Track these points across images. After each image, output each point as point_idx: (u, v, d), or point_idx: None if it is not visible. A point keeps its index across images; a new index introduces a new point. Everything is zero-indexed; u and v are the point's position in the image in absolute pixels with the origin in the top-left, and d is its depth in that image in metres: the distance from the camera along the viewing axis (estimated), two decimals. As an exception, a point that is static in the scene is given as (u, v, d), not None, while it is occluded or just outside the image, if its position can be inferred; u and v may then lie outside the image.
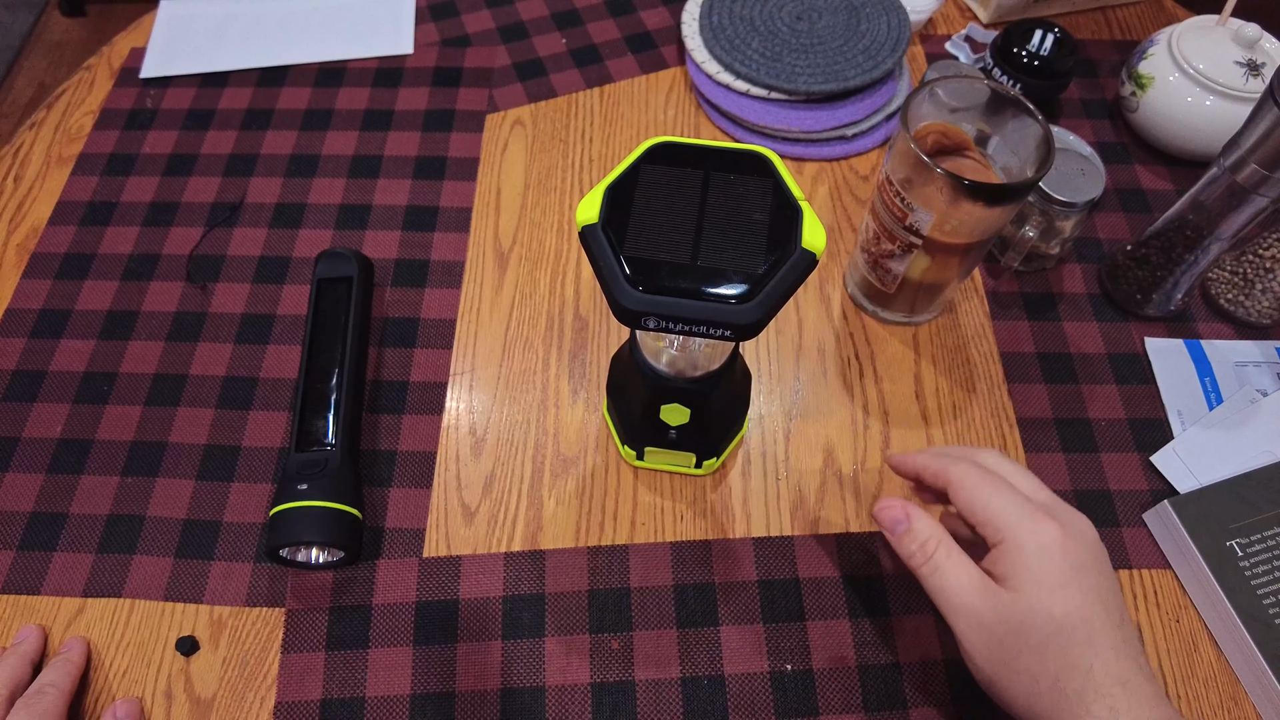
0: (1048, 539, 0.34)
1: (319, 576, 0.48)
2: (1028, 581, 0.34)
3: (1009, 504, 0.35)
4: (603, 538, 0.49)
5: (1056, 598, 0.33)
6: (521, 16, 0.73)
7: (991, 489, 0.36)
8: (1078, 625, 0.33)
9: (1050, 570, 0.34)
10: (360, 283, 0.54)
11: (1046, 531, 0.34)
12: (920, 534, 0.38)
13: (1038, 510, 0.35)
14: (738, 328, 0.33)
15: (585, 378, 0.54)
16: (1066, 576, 0.34)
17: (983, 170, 0.49)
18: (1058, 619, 0.33)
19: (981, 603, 0.35)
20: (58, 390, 0.54)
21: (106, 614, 0.47)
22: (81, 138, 0.66)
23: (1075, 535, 0.35)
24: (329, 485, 0.46)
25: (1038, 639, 0.33)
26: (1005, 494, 0.36)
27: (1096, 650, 0.33)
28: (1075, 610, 0.33)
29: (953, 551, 0.37)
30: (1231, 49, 0.59)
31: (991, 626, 0.34)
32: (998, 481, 0.37)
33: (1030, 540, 0.34)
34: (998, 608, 0.34)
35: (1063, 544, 0.34)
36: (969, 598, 0.35)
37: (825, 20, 0.65)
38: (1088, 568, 0.34)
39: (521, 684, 0.44)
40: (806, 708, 0.44)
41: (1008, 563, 0.34)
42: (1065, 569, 0.34)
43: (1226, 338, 0.56)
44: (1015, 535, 0.35)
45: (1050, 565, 0.34)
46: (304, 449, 0.48)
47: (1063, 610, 0.33)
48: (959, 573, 0.36)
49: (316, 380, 0.50)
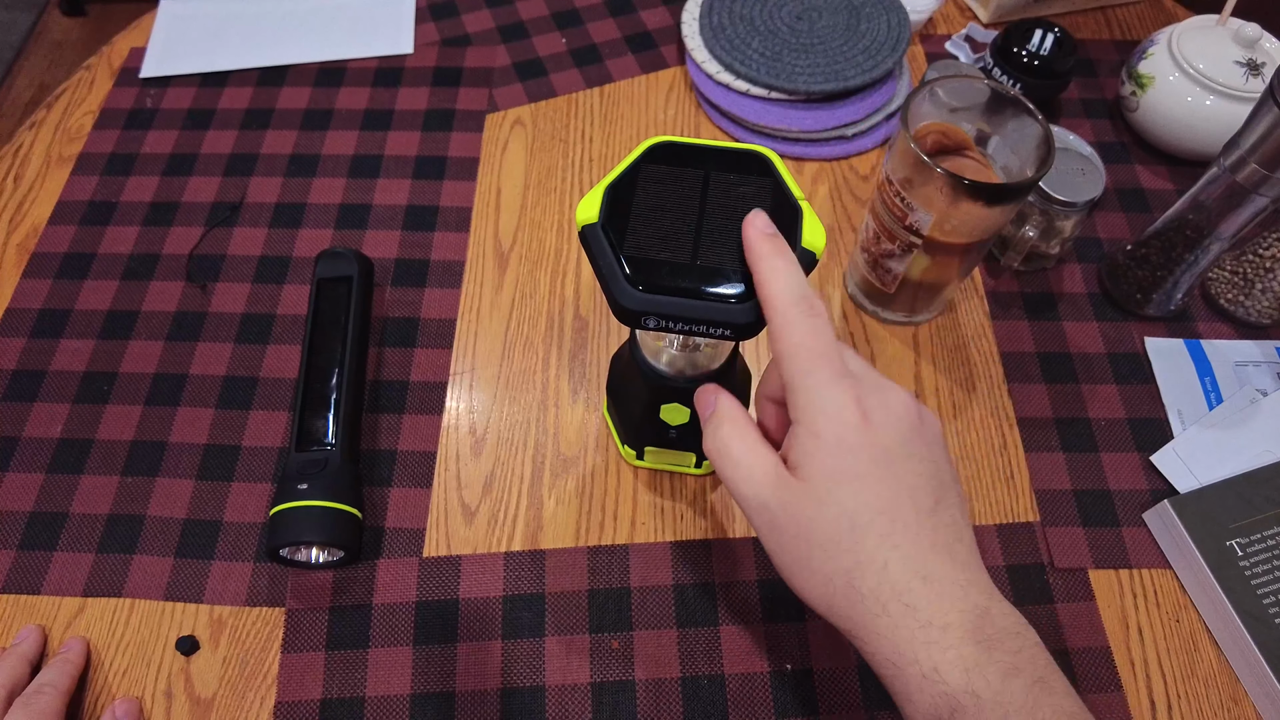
0: (846, 424, 0.30)
1: (319, 576, 0.48)
2: (819, 472, 0.30)
3: (818, 378, 0.30)
4: (603, 537, 0.49)
5: (848, 490, 0.30)
6: (521, 16, 0.73)
7: (810, 356, 0.30)
8: (874, 518, 0.29)
9: (846, 460, 0.30)
10: (360, 283, 0.54)
11: (846, 417, 0.30)
12: (719, 417, 0.33)
13: (846, 389, 0.30)
14: (737, 327, 0.33)
15: (585, 377, 0.54)
16: (865, 466, 0.30)
17: (983, 170, 0.49)
18: (850, 513, 0.29)
19: (771, 495, 0.31)
20: (58, 390, 0.54)
21: (106, 614, 0.47)
22: (81, 137, 0.66)
23: (884, 420, 0.30)
24: (329, 485, 0.46)
25: (827, 535, 0.30)
26: (820, 365, 0.30)
27: (895, 543, 0.29)
28: (872, 502, 0.29)
29: (746, 435, 0.32)
30: (1231, 49, 0.59)
31: (782, 521, 0.31)
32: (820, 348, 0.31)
33: (827, 426, 0.30)
34: (786, 501, 0.30)
35: (862, 430, 0.30)
36: (757, 489, 0.31)
37: (825, 20, 0.65)
38: (894, 454, 0.30)
39: (521, 684, 0.44)
40: (806, 707, 0.44)
41: (800, 449, 0.30)
42: (864, 459, 0.30)
43: (1226, 337, 0.56)
44: (811, 417, 0.30)
45: (846, 455, 0.30)
46: (304, 449, 0.48)
47: (855, 504, 0.29)
48: (749, 460, 0.32)
49: (316, 380, 0.50)
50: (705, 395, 0.35)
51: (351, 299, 0.53)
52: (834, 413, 0.30)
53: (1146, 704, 0.44)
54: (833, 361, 0.31)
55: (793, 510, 0.30)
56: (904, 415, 0.31)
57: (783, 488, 0.31)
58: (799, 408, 0.31)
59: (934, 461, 0.31)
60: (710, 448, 0.33)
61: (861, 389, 0.31)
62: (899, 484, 0.30)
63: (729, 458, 0.32)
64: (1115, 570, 0.48)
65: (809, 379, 0.30)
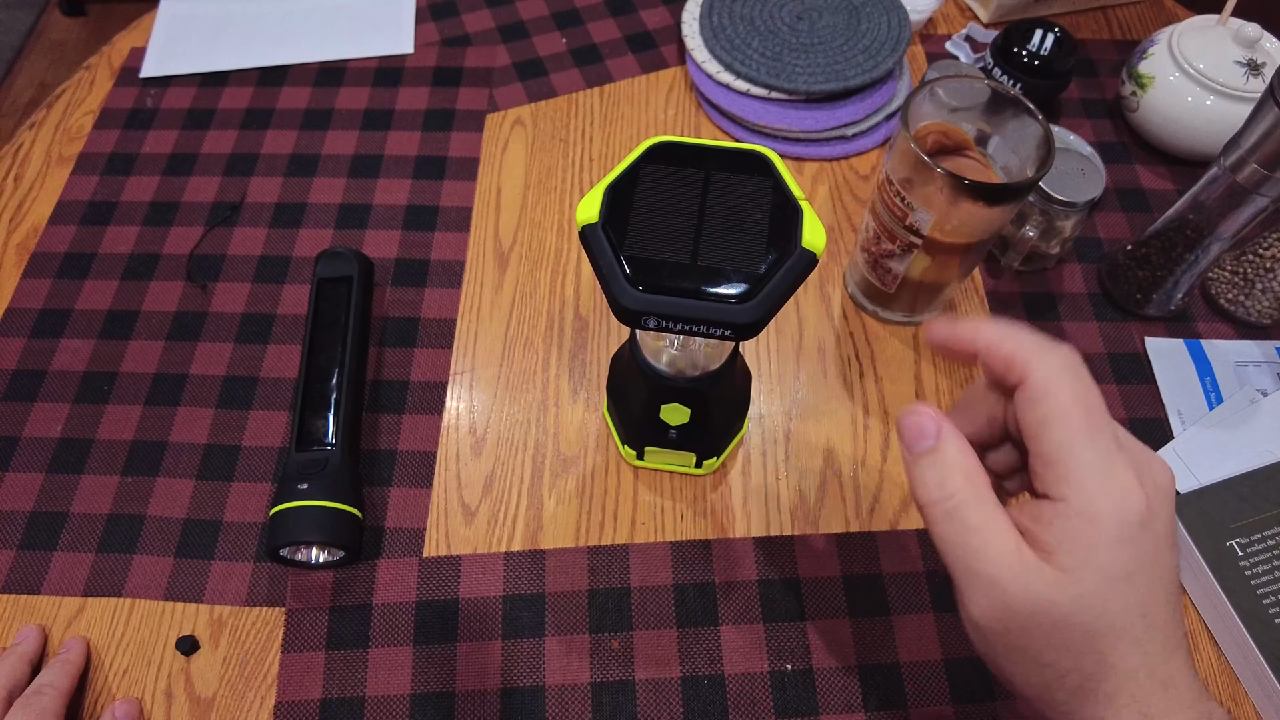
0: (1132, 517, 0.25)
1: (319, 576, 0.48)
2: (1087, 566, 0.25)
3: (1099, 453, 0.26)
4: (603, 537, 0.49)
5: (1117, 590, 0.25)
6: (521, 16, 0.73)
7: (1086, 423, 0.26)
8: (1133, 621, 0.26)
9: (1122, 558, 0.25)
10: (360, 282, 0.54)
11: (1133, 505, 0.25)
12: (947, 463, 0.28)
13: (1127, 468, 0.26)
14: (738, 327, 0.33)
15: (585, 377, 0.54)
16: (1140, 564, 0.25)
17: (983, 170, 0.49)
18: (1113, 615, 0.26)
19: (1011, 579, 0.26)
20: (58, 390, 0.54)
21: (107, 613, 0.47)
22: (82, 137, 0.66)
23: (1159, 502, 0.26)
24: (329, 485, 0.46)
25: (1079, 633, 0.26)
26: (1100, 438, 0.26)
27: (1145, 650, 0.26)
28: (1136, 604, 0.26)
29: (985, 501, 0.27)
30: (1232, 49, 0.59)
31: (1018, 608, 0.26)
32: (1095, 411, 0.26)
33: (1110, 514, 0.25)
34: (1032, 589, 0.26)
35: (1145, 520, 0.25)
36: (992, 565, 0.26)
37: (825, 20, 0.65)
38: (1163, 549, 0.26)
39: (521, 684, 0.44)
40: (806, 707, 0.44)
41: (1066, 534, 0.26)
42: (1143, 555, 0.26)
43: (1226, 337, 0.56)
44: (1091, 503, 0.25)
45: (1124, 552, 0.25)
46: (304, 448, 0.48)
47: (1121, 606, 0.25)
48: (990, 534, 0.27)
49: (316, 380, 0.50)
50: (919, 419, 0.29)
51: (352, 299, 0.53)
52: (1120, 497, 0.25)
53: (1146, 704, 0.44)
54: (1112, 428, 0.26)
55: (1041, 599, 0.26)
56: (1168, 489, 0.27)
57: (1030, 573, 0.26)
58: (1071, 484, 0.26)
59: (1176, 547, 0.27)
60: (932, 503, 0.27)
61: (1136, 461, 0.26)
62: (1162, 582, 0.26)
63: (964, 523, 0.27)
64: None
65: (1091, 452, 0.26)
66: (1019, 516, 0.27)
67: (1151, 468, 0.27)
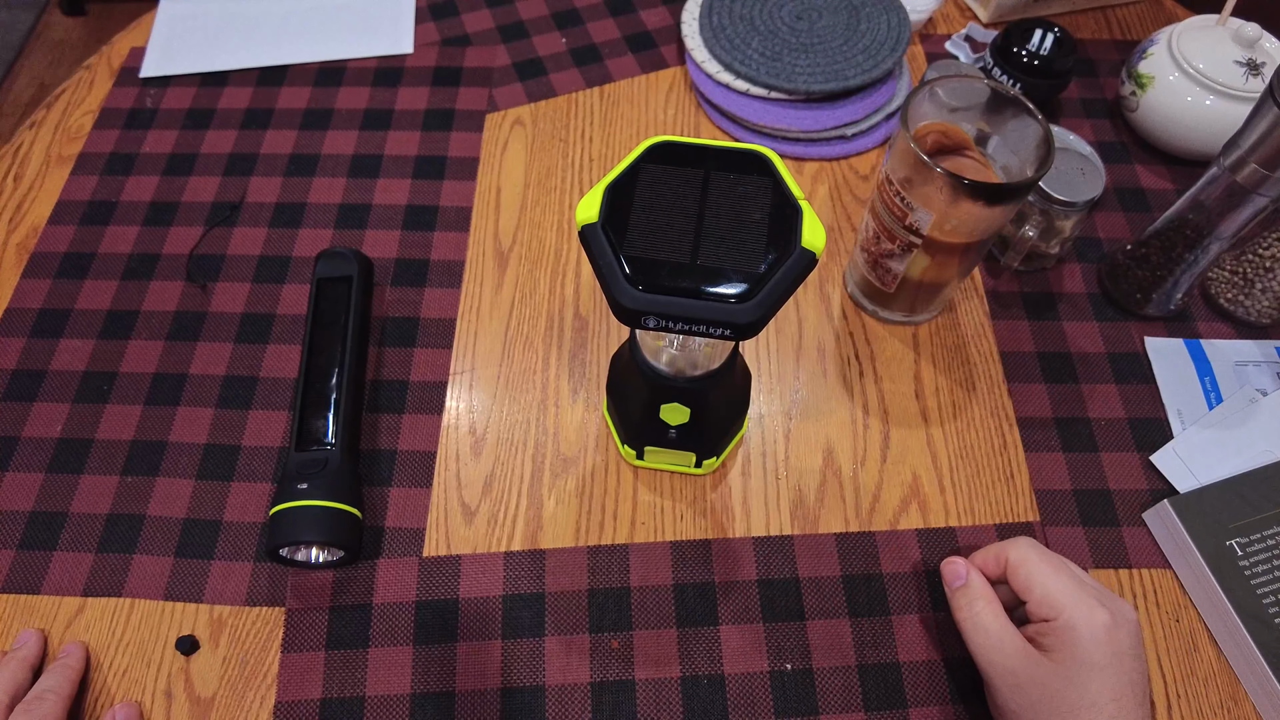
0: (1098, 625, 0.38)
1: (319, 576, 0.48)
2: (1072, 659, 0.38)
3: (1066, 586, 0.40)
4: (603, 537, 0.49)
5: (1094, 677, 0.38)
6: (521, 16, 0.73)
7: (1051, 570, 0.41)
8: (1107, 703, 0.37)
9: (1095, 653, 0.38)
10: (360, 282, 0.54)
11: (1098, 618, 0.39)
12: (973, 592, 0.42)
13: (1091, 596, 0.39)
14: (737, 327, 0.33)
15: (585, 377, 0.54)
16: (1107, 660, 0.38)
17: (983, 170, 0.49)
18: (1092, 695, 0.38)
19: (1021, 666, 0.39)
20: (58, 390, 0.54)
21: (106, 613, 0.47)
22: (81, 137, 0.66)
23: (1121, 623, 0.39)
24: (329, 484, 0.46)
25: (1067, 706, 0.38)
26: (1063, 577, 0.40)
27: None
28: (1108, 690, 0.38)
29: (999, 614, 0.41)
30: (1231, 48, 0.59)
31: (1027, 687, 0.39)
32: (1057, 564, 0.41)
33: (1084, 623, 0.39)
34: (1036, 674, 0.39)
35: (1110, 631, 0.38)
36: (1007, 659, 0.40)
37: (825, 20, 0.65)
38: (1125, 654, 0.38)
39: (521, 683, 0.44)
40: (806, 707, 0.44)
41: (1057, 638, 0.39)
42: (1108, 654, 0.38)
43: (1226, 337, 0.56)
44: (1070, 616, 0.39)
45: (1096, 649, 0.38)
46: (304, 448, 0.48)
47: (1098, 689, 0.38)
48: (1002, 634, 0.40)
49: (316, 380, 0.50)
50: (955, 567, 0.44)
51: (351, 299, 0.53)
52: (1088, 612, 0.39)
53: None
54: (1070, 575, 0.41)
55: (1041, 682, 0.38)
56: (1131, 621, 0.40)
57: (1034, 663, 0.39)
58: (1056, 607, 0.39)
59: (1144, 661, 0.40)
60: (965, 618, 0.42)
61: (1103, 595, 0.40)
62: (1126, 678, 0.38)
63: (985, 630, 0.41)
64: (1115, 570, 0.48)
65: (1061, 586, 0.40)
66: (1027, 633, 0.41)
67: (1117, 603, 0.40)
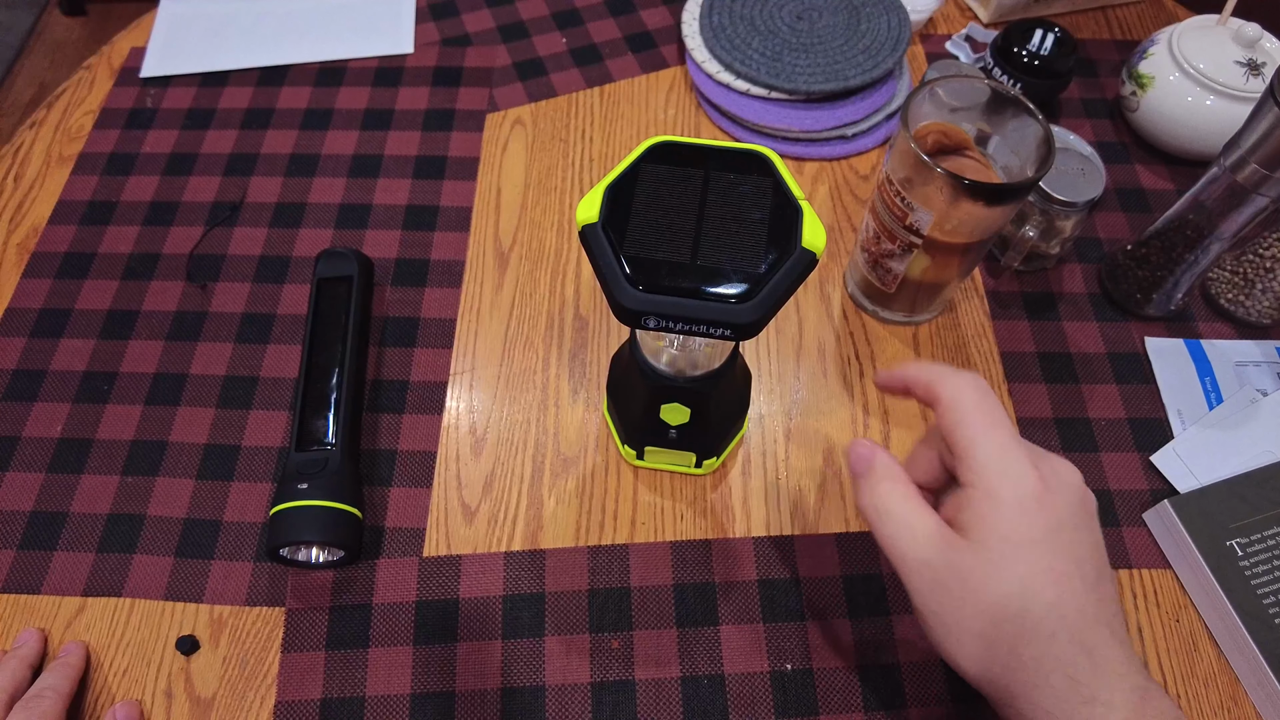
0: (1026, 492, 0.30)
1: (319, 576, 0.48)
2: (993, 536, 0.30)
3: (995, 444, 0.31)
4: (603, 537, 0.49)
5: (1023, 556, 0.30)
6: (522, 16, 0.73)
7: (985, 422, 0.32)
8: (1044, 586, 0.30)
9: (1023, 525, 0.30)
10: (360, 282, 0.54)
11: (1027, 484, 0.30)
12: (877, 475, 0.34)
13: (1024, 457, 0.31)
14: (738, 327, 0.33)
15: (585, 377, 0.54)
16: (1040, 534, 0.30)
17: (983, 170, 0.49)
18: (1022, 578, 0.30)
19: (936, 555, 0.31)
20: (58, 389, 0.54)
21: (107, 613, 0.47)
22: (82, 137, 0.66)
23: (1058, 488, 0.31)
24: (329, 485, 0.46)
25: (996, 599, 0.30)
26: (996, 432, 0.31)
27: (1062, 614, 0.29)
28: (1044, 571, 0.30)
29: (909, 496, 0.33)
30: (1232, 49, 0.59)
31: (947, 582, 0.31)
32: (993, 414, 0.32)
33: (1008, 490, 0.30)
34: (954, 562, 0.30)
35: (1041, 499, 0.30)
36: (920, 549, 0.31)
37: (825, 20, 0.65)
38: (1065, 526, 0.30)
39: (522, 683, 0.44)
40: (806, 707, 0.44)
41: (974, 512, 0.31)
42: (1040, 526, 0.30)
43: (1227, 337, 0.56)
44: (990, 482, 0.31)
45: (1024, 522, 0.30)
46: (304, 448, 0.48)
47: (1028, 570, 0.30)
48: (912, 518, 0.32)
49: (316, 380, 0.50)
50: (860, 449, 0.35)
51: (352, 299, 0.53)
52: (1015, 477, 0.30)
53: (1146, 704, 0.44)
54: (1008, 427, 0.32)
55: (962, 571, 0.30)
56: (1074, 485, 0.32)
57: (950, 548, 0.31)
58: (975, 470, 0.31)
59: (1096, 535, 0.32)
60: (867, 504, 0.34)
61: (1036, 456, 0.31)
62: (1069, 554, 0.30)
63: (889, 515, 0.33)
64: (1115, 570, 0.48)
65: (987, 441, 0.31)
66: (945, 511, 0.33)
67: (1053, 464, 0.32)
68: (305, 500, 0.45)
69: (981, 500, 0.31)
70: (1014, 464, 0.31)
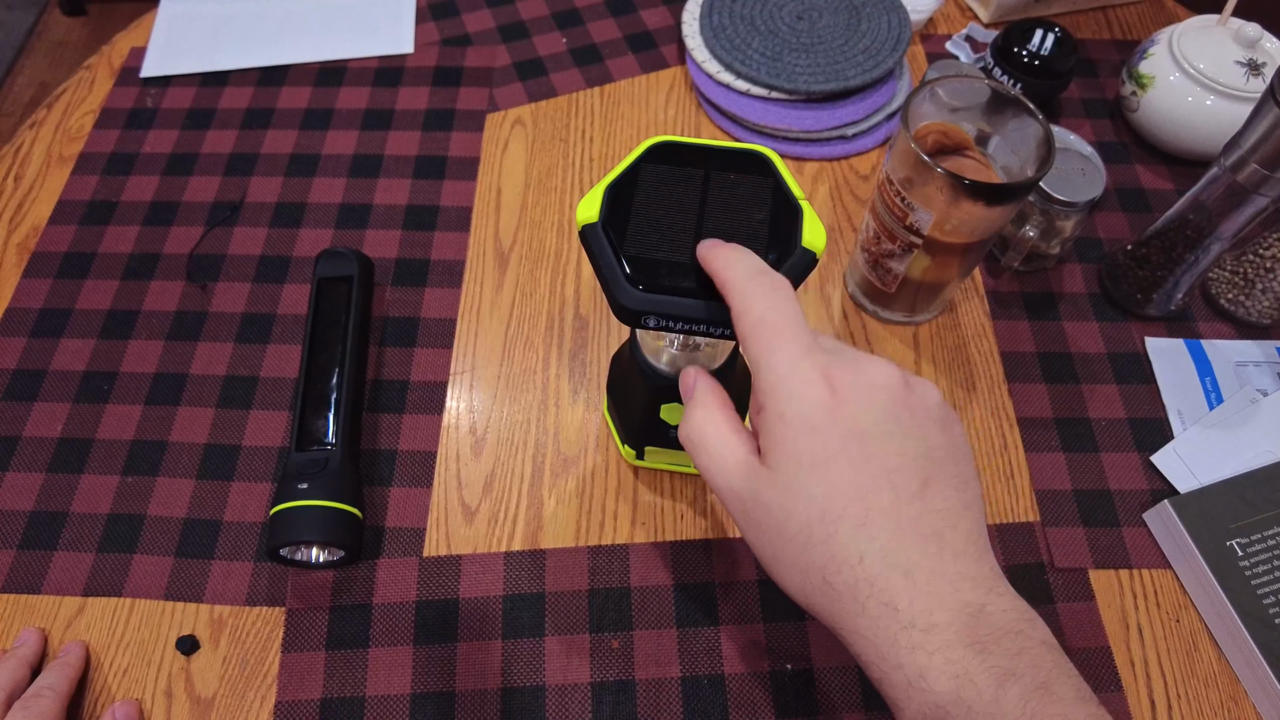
0: (812, 402, 0.27)
1: (319, 576, 0.48)
2: (785, 458, 0.27)
3: (784, 358, 0.28)
4: (603, 537, 0.49)
5: (817, 476, 0.27)
6: (522, 16, 0.73)
7: (774, 338, 0.28)
8: (847, 506, 0.27)
9: (813, 443, 0.27)
10: (360, 282, 0.54)
11: (812, 393, 0.27)
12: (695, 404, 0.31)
13: (812, 364, 0.28)
14: (738, 327, 0.33)
15: (585, 377, 0.54)
16: (834, 449, 0.27)
17: (983, 170, 0.49)
18: (819, 502, 0.27)
19: (743, 484, 0.29)
20: (58, 389, 0.54)
21: (107, 613, 0.47)
22: (82, 137, 0.66)
23: (855, 395, 0.27)
24: (329, 484, 0.46)
25: (798, 527, 0.27)
26: (787, 346, 0.28)
27: (871, 535, 0.26)
28: (843, 489, 0.27)
29: (721, 422, 0.30)
30: (1232, 49, 0.59)
31: (754, 513, 0.28)
32: (786, 327, 0.28)
33: (792, 406, 0.27)
34: (756, 490, 0.28)
35: (830, 407, 0.27)
36: (729, 478, 0.29)
37: (826, 20, 0.65)
38: (870, 434, 0.27)
39: (522, 683, 0.44)
40: (806, 707, 0.44)
41: (767, 434, 0.28)
42: (833, 440, 0.27)
43: (1227, 337, 0.56)
44: (776, 399, 0.28)
45: (813, 437, 0.27)
46: (304, 448, 0.48)
47: (824, 491, 0.27)
48: (721, 447, 0.29)
49: (317, 380, 0.50)
50: (686, 378, 0.33)
51: (352, 299, 0.53)
52: (800, 391, 0.27)
53: (1146, 704, 0.44)
54: (799, 336, 0.28)
55: (764, 500, 0.28)
56: (884, 387, 0.28)
57: (753, 476, 0.28)
58: (763, 390, 0.28)
59: (922, 438, 0.28)
60: (684, 434, 0.31)
61: (832, 363, 0.28)
62: (875, 466, 0.27)
63: (702, 445, 0.30)
64: (1115, 570, 0.48)
65: (773, 356, 0.28)
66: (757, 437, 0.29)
67: (859, 367, 0.28)
68: (305, 500, 0.45)
69: (774, 423, 0.28)
70: (798, 376, 0.27)
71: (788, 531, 0.27)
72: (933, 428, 0.28)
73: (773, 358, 0.28)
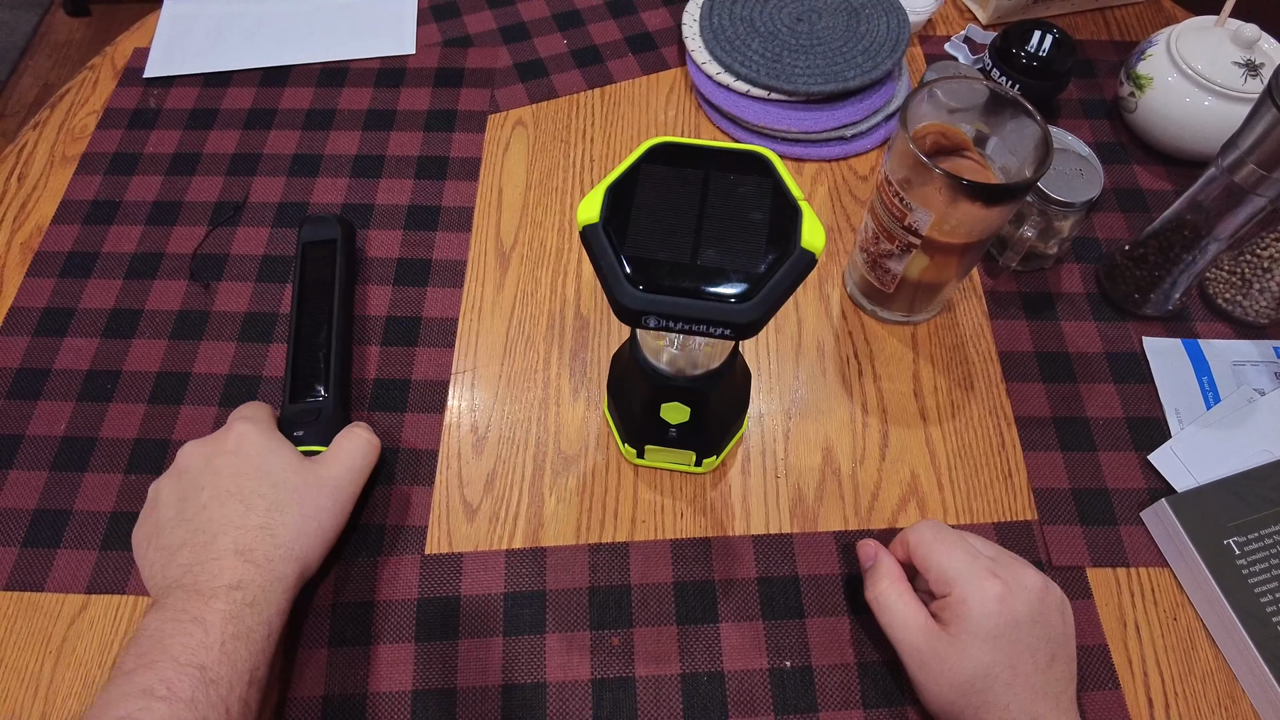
0: (990, 596, 0.39)
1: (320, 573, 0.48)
2: (965, 631, 0.39)
3: (959, 562, 0.41)
4: (603, 535, 0.49)
5: (987, 647, 0.39)
6: (523, 17, 0.73)
7: (945, 547, 0.42)
8: (1001, 670, 0.38)
9: (987, 623, 0.39)
10: (344, 245, 0.56)
11: (990, 590, 0.39)
12: (879, 573, 0.43)
13: (984, 569, 0.40)
14: (737, 326, 0.33)
15: (586, 376, 0.55)
16: (1000, 630, 0.39)
17: (981, 170, 0.49)
18: (985, 664, 0.39)
19: (923, 642, 0.40)
20: (61, 388, 0.54)
21: (110, 611, 0.47)
22: (85, 137, 0.66)
23: (1017, 591, 0.40)
24: (323, 430, 0.49)
25: (965, 678, 0.39)
26: (957, 552, 0.41)
27: (1015, 691, 0.38)
28: (1002, 658, 0.39)
29: (903, 593, 0.42)
30: (1230, 49, 0.59)
31: (930, 663, 0.40)
32: (951, 540, 0.42)
33: (974, 596, 0.39)
34: (936, 648, 0.40)
35: (1003, 601, 0.39)
36: (911, 635, 0.41)
37: (825, 21, 0.66)
38: (1022, 622, 0.39)
39: (522, 680, 0.45)
40: (806, 704, 0.44)
41: (952, 613, 0.40)
42: (1000, 623, 0.39)
43: (1224, 337, 0.56)
44: (961, 590, 0.40)
45: (987, 620, 0.39)
46: (298, 399, 0.51)
47: (990, 658, 0.39)
48: (905, 611, 0.42)
49: (307, 336, 0.53)
50: (866, 549, 0.46)
51: (336, 260, 0.55)
52: (979, 587, 0.40)
53: (1144, 702, 0.44)
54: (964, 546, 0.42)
55: (941, 655, 0.40)
56: (1033, 588, 0.40)
57: (934, 638, 0.40)
58: (948, 583, 0.40)
59: (1050, 625, 0.40)
60: (872, 597, 0.43)
61: (1002, 572, 0.40)
62: (1022, 645, 0.39)
63: (890, 608, 0.42)
64: (1113, 569, 0.48)
65: (953, 562, 0.41)
66: (933, 610, 0.42)
67: (1016, 571, 0.41)
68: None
69: (956, 604, 0.40)
70: (976, 574, 0.40)
71: (956, 679, 0.39)
72: (1056, 617, 0.41)
73: (952, 562, 0.41)
